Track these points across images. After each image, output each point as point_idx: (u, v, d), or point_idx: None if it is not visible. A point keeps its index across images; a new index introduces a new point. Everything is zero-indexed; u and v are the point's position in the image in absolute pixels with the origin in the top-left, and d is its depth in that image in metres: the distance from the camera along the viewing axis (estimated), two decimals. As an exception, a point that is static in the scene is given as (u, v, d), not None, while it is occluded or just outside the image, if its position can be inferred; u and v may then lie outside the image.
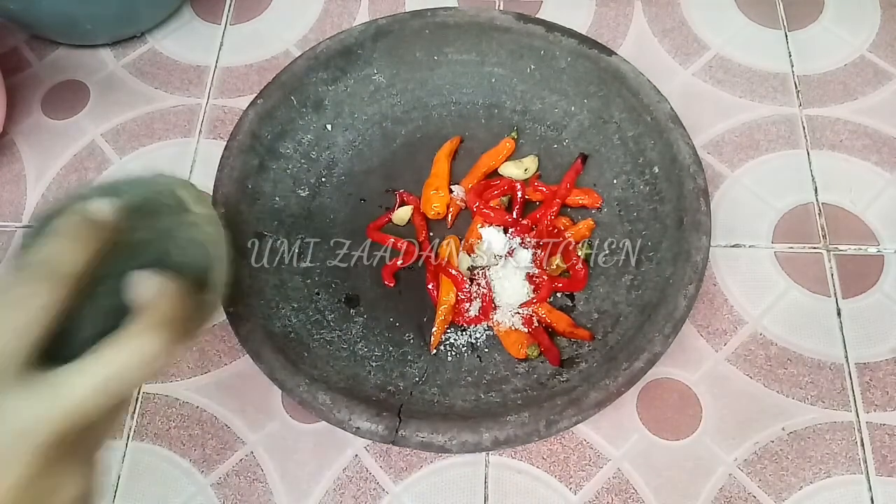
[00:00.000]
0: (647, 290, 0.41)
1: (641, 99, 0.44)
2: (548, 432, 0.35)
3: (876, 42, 0.56)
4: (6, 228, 0.51)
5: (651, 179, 0.44)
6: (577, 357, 0.42)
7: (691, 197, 0.41)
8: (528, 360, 0.42)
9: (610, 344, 0.41)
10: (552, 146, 0.49)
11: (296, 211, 0.46)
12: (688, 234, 0.40)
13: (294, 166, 0.47)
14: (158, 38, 0.59)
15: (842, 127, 0.52)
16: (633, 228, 0.45)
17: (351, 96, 0.49)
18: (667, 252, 0.41)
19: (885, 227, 0.48)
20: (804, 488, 0.41)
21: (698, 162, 0.42)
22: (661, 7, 0.58)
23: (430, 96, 0.51)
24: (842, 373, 0.44)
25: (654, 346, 0.37)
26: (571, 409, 0.35)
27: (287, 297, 0.42)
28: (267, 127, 0.45)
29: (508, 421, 0.35)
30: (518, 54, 0.48)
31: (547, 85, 0.49)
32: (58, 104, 0.56)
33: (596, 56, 0.46)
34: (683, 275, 0.39)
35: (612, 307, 0.43)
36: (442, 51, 0.49)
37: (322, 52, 0.47)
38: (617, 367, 0.37)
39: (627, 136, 0.46)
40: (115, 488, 0.42)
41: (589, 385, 0.36)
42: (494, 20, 0.47)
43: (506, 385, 0.41)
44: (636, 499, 0.41)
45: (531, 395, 0.40)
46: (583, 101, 0.48)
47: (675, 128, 0.43)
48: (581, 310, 0.44)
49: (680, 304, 0.38)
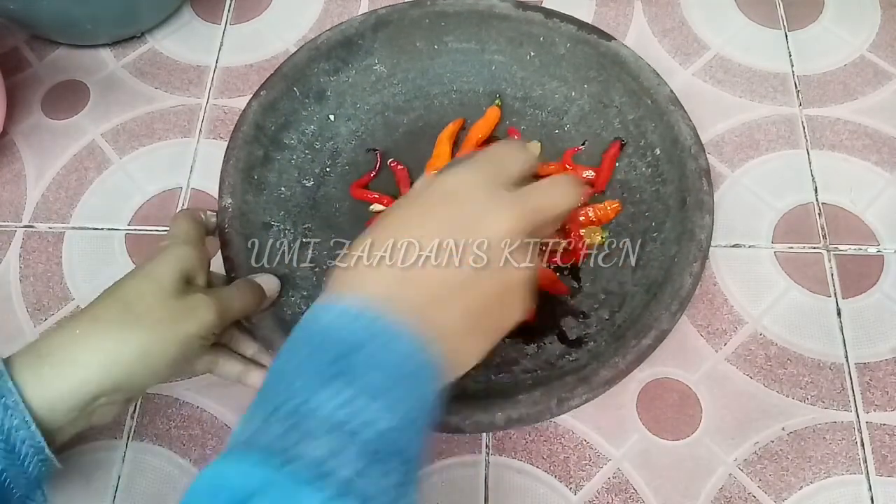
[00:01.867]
0: (653, 270, 0.41)
1: (641, 82, 0.44)
2: (559, 410, 0.35)
3: (876, 42, 0.56)
4: (6, 228, 0.51)
5: (653, 161, 0.45)
6: (586, 337, 0.42)
7: (693, 177, 0.41)
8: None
9: (618, 323, 0.41)
10: (553, 131, 0.49)
11: (301, 201, 0.47)
12: (691, 213, 0.40)
13: (298, 157, 0.47)
14: (158, 38, 0.59)
15: (842, 127, 0.52)
16: (637, 210, 0.45)
17: (353, 86, 0.49)
18: (671, 232, 0.41)
19: (885, 227, 0.48)
20: (804, 488, 0.41)
21: (699, 143, 0.42)
22: (661, 7, 0.58)
23: (431, 85, 0.51)
24: (842, 373, 0.44)
25: (662, 323, 0.37)
26: (582, 387, 0.35)
27: (296, 285, 0.43)
28: (271, 118, 0.45)
29: (520, 400, 0.35)
30: (518, 41, 0.48)
31: (547, 71, 0.49)
32: (58, 104, 0.56)
33: (595, 41, 0.46)
34: (688, 253, 0.39)
35: (618, 287, 0.43)
36: (442, 40, 0.49)
37: (323, 43, 0.47)
38: (626, 345, 0.37)
39: (628, 119, 0.46)
40: (115, 488, 0.42)
41: (599, 363, 0.36)
42: (494, 8, 0.47)
43: (515, 366, 0.41)
44: (636, 499, 0.41)
45: (541, 375, 0.40)
46: (583, 86, 0.48)
47: (675, 109, 0.43)
48: (587, 291, 0.44)
49: (686, 281, 0.38)
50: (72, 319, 0.32)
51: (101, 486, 0.42)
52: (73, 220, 0.51)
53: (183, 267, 0.34)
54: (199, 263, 0.36)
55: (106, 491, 0.42)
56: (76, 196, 0.52)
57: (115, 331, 0.31)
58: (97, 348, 0.31)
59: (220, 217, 0.41)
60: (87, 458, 0.43)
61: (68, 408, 0.30)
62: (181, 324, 0.32)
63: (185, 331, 0.32)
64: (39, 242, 0.50)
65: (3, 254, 0.50)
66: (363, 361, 0.25)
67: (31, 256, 0.50)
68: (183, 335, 0.32)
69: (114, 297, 0.33)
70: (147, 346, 0.31)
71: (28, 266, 0.49)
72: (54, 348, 0.31)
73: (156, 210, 0.51)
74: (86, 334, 0.31)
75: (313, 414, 0.23)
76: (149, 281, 0.33)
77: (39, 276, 0.49)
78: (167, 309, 0.32)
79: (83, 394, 0.30)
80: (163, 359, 0.32)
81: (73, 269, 0.49)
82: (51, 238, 0.50)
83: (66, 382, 0.30)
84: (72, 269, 0.49)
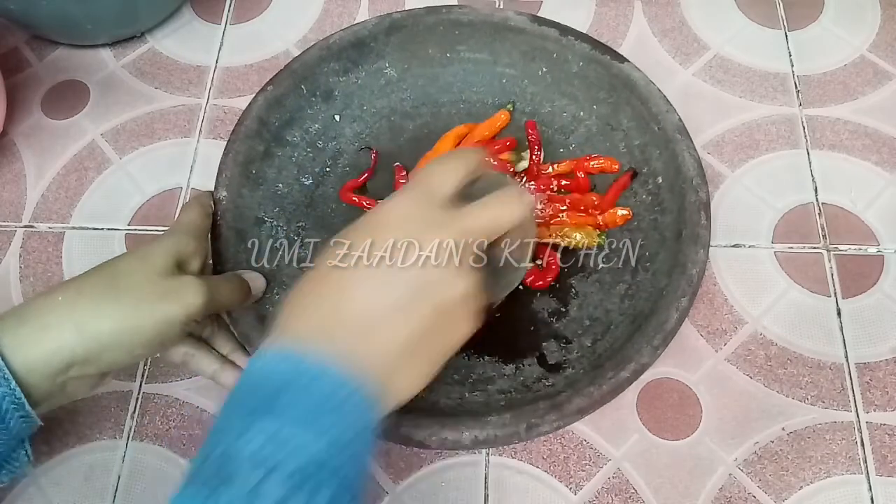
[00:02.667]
0: (641, 300, 0.41)
1: (650, 108, 0.44)
2: (528, 435, 0.35)
3: (876, 42, 0.56)
4: (6, 228, 0.51)
5: (654, 189, 0.44)
6: (565, 363, 0.42)
7: (692, 209, 0.41)
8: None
9: (598, 352, 0.41)
10: (558, 150, 0.49)
11: (298, 199, 0.47)
12: (685, 246, 0.40)
13: (299, 154, 0.47)
14: (158, 38, 0.59)
15: (842, 127, 0.52)
16: (632, 238, 0.45)
17: (361, 88, 0.49)
18: (663, 263, 0.41)
19: (885, 227, 0.48)
20: (804, 488, 0.41)
21: (702, 175, 0.42)
22: (661, 7, 0.58)
23: (441, 93, 0.51)
24: (842, 373, 0.44)
25: (642, 356, 0.37)
26: (553, 413, 0.35)
27: (282, 282, 0.43)
28: (275, 114, 0.46)
29: (489, 421, 0.35)
30: (531, 56, 0.48)
31: (557, 88, 0.49)
32: (58, 104, 0.56)
33: (608, 62, 0.46)
34: (678, 287, 0.38)
35: (604, 315, 0.43)
36: (455, 48, 0.49)
37: (335, 42, 0.47)
38: (602, 376, 0.36)
39: (634, 144, 0.46)
40: (114, 488, 0.42)
41: (573, 391, 0.36)
42: (509, 21, 0.47)
43: (491, 385, 0.41)
44: (636, 499, 0.41)
45: (515, 398, 0.40)
46: (592, 106, 0.48)
47: (681, 139, 0.43)
48: (573, 316, 0.44)
49: (671, 315, 0.38)
50: (58, 286, 0.33)
51: (100, 486, 0.42)
52: (73, 220, 0.51)
53: (178, 252, 0.35)
54: (196, 253, 0.36)
55: (106, 491, 0.42)
56: (76, 196, 0.52)
57: (95, 302, 0.32)
58: (74, 317, 0.31)
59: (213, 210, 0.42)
60: (87, 458, 0.43)
61: (42, 374, 0.31)
62: (165, 303, 0.33)
63: (167, 311, 0.33)
64: (39, 242, 0.50)
65: (3, 254, 0.50)
66: (289, 399, 0.26)
67: (31, 256, 0.50)
68: (163, 315, 0.32)
69: (102, 271, 0.33)
70: (124, 321, 0.32)
71: (28, 266, 0.49)
72: (34, 312, 0.31)
73: (156, 210, 0.51)
74: (66, 302, 0.32)
75: (238, 455, 0.25)
76: (139, 260, 0.34)
77: (39, 276, 0.49)
78: (153, 287, 0.33)
79: (56, 361, 0.31)
80: (139, 337, 0.32)
81: (73, 270, 0.49)
82: (51, 238, 0.50)
83: (41, 347, 0.31)
84: (72, 269, 0.49)
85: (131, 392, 0.45)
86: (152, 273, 0.33)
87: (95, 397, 0.45)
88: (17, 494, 0.42)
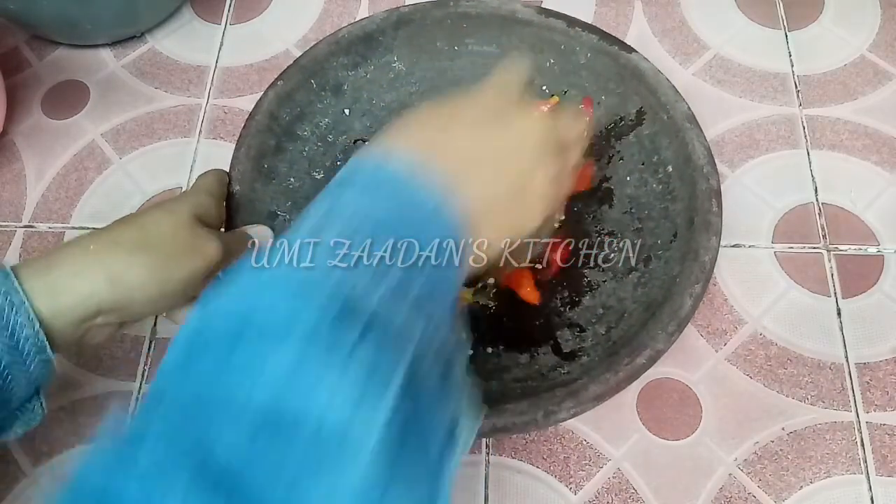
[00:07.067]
0: (654, 288, 0.41)
1: (659, 97, 0.44)
2: (545, 422, 0.35)
3: (876, 42, 0.56)
4: (6, 228, 0.51)
5: (664, 178, 0.44)
6: (580, 351, 0.42)
7: (703, 197, 0.41)
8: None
9: (613, 339, 0.41)
10: None
11: (310, 193, 0.47)
12: (697, 233, 0.40)
13: (310, 149, 0.47)
14: (158, 38, 0.59)
15: (842, 127, 0.52)
16: (644, 227, 0.45)
17: (370, 82, 0.49)
18: (675, 251, 0.41)
19: (885, 227, 0.48)
20: (804, 488, 0.41)
21: (712, 162, 0.42)
22: (661, 7, 0.58)
23: (449, 86, 0.50)
24: (842, 373, 0.44)
25: (657, 343, 0.37)
26: (570, 400, 0.35)
27: None
28: (285, 108, 0.46)
29: (507, 409, 0.35)
30: (538, 48, 0.48)
31: (566, 80, 0.49)
32: (58, 104, 0.56)
33: (616, 53, 0.46)
34: (690, 274, 0.39)
35: (617, 303, 0.43)
36: (463, 41, 0.49)
37: (343, 37, 0.47)
38: (618, 362, 0.36)
39: (643, 133, 0.46)
40: (115, 488, 0.42)
41: (589, 378, 0.36)
42: (516, 13, 0.47)
43: (507, 374, 0.41)
44: (636, 499, 0.41)
45: (531, 386, 0.40)
46: (600, 97, 0.48)
47: (691, 127, 0.43)
48: (586, 304, 0.44)
49: (685, 302, 0.38)
50: (87, 237, 0.33)
51: (101, 486, 0.42)
52: (73, 220, 0.51)
53: (199, 209, 0.36)
54: (216, 213, 0.38)
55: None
56: (76, 196, 0.52)
57: (128, 253, 0.33)
58: (108, 265, 0.32)
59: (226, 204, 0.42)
60: (87, 458, 0.43)
61: (68, 320, 0.31)
62: (189, 257, 0.34)
63: (191, 265, 0.34)
64: (39, 242, 0.50)
65: (3, 254, 0.50)
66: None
67: (31, 256, 0.50)
68: (189, 269, 0.34)
69: (133, 223, 0.34)
70: (154, 272, 0.33)
71: (28, 266, 0.49)
72: (65, 259, 0.32)
73: (156, 210, 0.51)
74: (99, 251, 0.32)
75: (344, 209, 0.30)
76: (167, 213, 0.35)
77: (39, 276, 0.49)
78: (180, 240, 0.34)
79: (84, 308, 0.31)
80: (164, 286, 0.33)
81: (73, 269, 0.49)
82: (51, 238, 0.50)
83: (71, 294, 0.31)
84: (72, 269, 0.49)
85: (132, 392, 0.45)
86: (179, 227, 0.34)
87: (96, 396, 0.45)
88: (17, 494, 0.42)
